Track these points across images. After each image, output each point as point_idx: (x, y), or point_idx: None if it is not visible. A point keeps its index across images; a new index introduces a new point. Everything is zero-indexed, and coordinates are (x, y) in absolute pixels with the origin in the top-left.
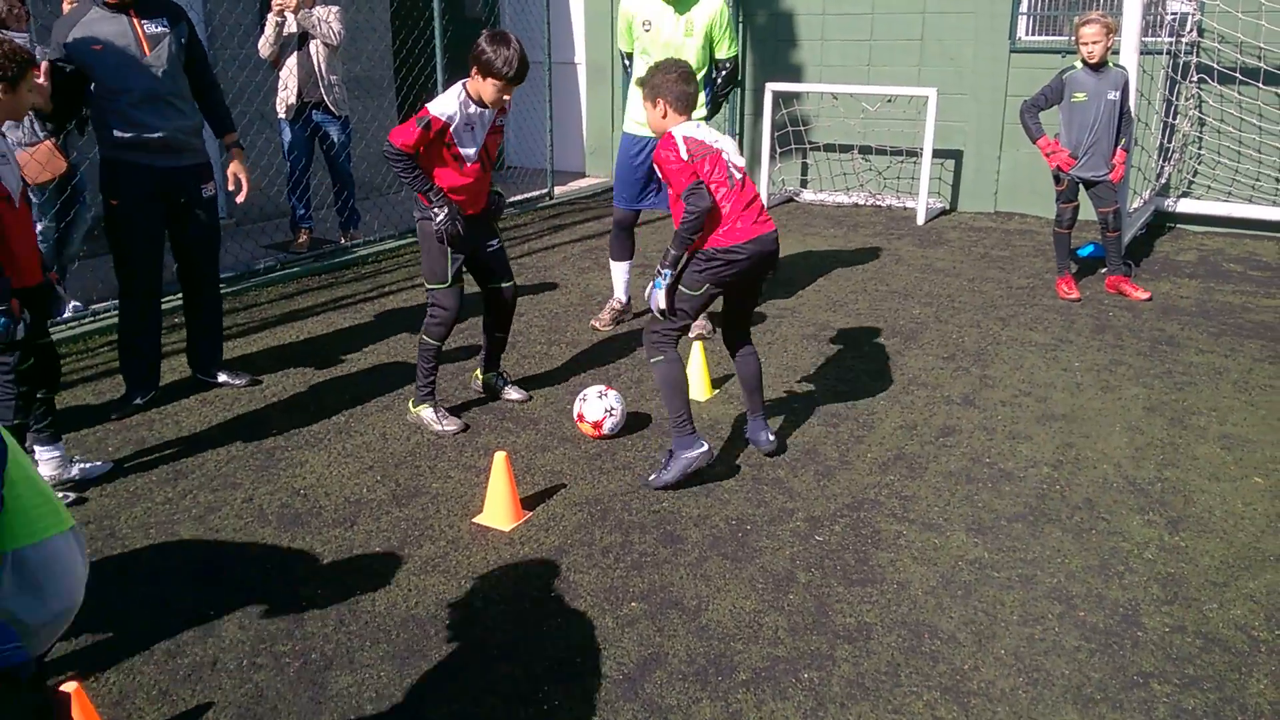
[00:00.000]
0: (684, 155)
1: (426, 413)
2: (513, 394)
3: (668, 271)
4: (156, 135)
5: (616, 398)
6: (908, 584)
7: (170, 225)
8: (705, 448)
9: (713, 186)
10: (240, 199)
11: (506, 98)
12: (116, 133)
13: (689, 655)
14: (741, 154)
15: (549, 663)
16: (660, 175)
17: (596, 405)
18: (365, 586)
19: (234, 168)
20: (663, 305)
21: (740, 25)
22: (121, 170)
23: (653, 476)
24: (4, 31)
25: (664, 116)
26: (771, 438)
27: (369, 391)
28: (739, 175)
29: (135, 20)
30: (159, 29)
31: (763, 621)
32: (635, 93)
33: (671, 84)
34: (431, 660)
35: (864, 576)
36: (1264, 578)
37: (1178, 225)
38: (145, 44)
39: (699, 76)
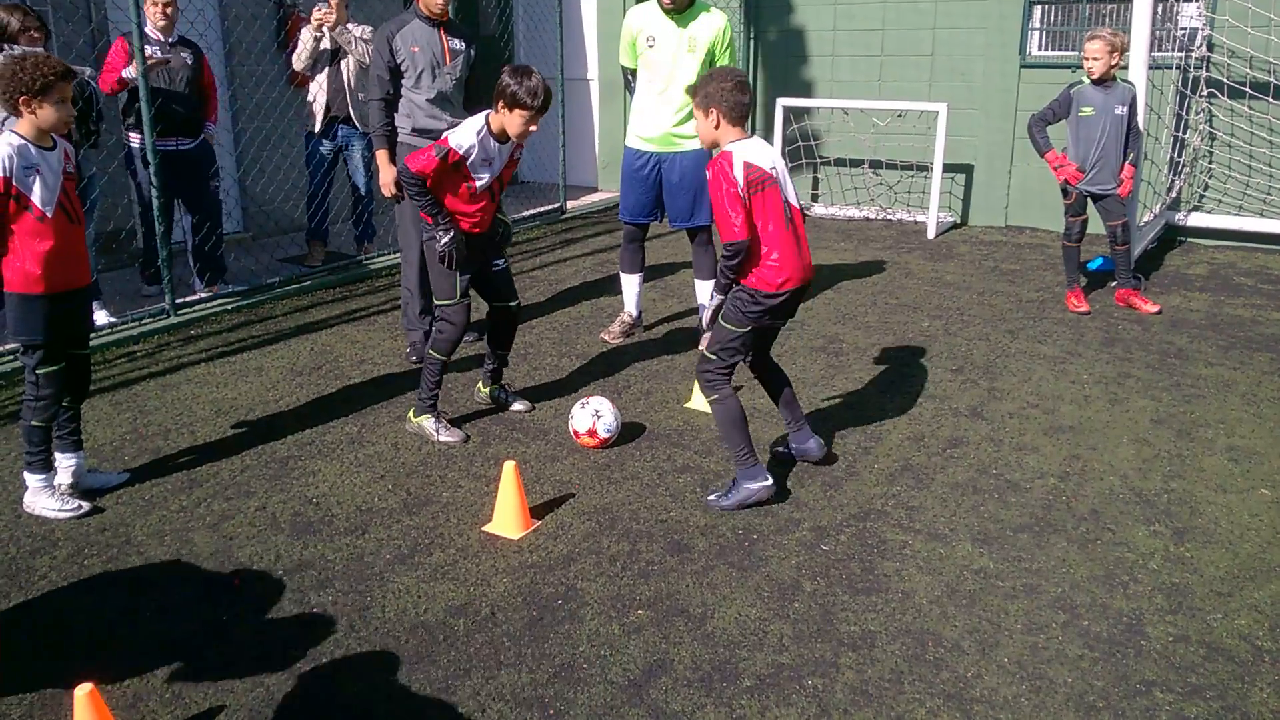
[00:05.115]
0: (740, 188)
1: (428, 422)
2: (517, 405)
3: (716, 297)
4: None
5: (599, 401)
6: (912, 593)
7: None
8: (769, 481)
9: (760, 223)
10: None
11: (533, 128)
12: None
13: (694, 662)
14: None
15: (556, 669)
16: (710, 194)
17: (582, 415)
18: (375, 593)
19: None
20: (705, 321)
21: (751, 42)
22: None
23: (712, 496)
24: (14, 47)
25: (717, 127)
26: (821, 443)
27: (381, 403)
28: (793, 204)
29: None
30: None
31: (768, 629)
32: (638, 107)
33: (727, 93)
34: (440, 666)
35: (869, 585)
36: (1269, 588)
37: (1189, 239)
38: (448, 55)
39: None
